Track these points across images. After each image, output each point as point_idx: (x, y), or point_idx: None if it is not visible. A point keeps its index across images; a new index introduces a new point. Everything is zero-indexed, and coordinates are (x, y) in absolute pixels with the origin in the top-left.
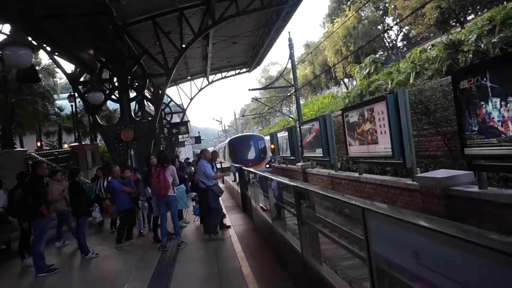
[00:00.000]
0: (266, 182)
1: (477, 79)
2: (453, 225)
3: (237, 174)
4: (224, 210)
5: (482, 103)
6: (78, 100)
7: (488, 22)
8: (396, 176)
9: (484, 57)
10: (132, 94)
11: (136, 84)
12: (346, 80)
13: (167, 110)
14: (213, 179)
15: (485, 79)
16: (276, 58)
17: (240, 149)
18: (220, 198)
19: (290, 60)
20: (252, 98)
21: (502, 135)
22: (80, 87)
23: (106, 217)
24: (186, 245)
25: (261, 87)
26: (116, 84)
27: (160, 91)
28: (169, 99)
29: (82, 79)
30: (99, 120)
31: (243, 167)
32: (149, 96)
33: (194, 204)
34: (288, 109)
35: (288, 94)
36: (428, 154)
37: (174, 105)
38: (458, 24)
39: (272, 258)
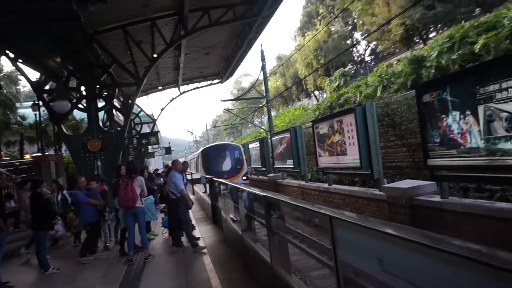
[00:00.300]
0: (237, 193)
1: (438, 93)
2: (416, 232)
3: (207, 185)
4: (194, 222)
5: (443, 116)
6: (42, 109)
7: (448, 39)
8: (364, 186)
9: (445, 73)
10: (101, 104)
11: (105, 93)
12: (316, 92)
13: (137, 120)
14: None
15: (445, 93)
16: (249, 70)
17: (214, 160)
18: (189, 210)
19: (262, 72)
20: (224, 109)
21: (461, 146)
22: (45, 95)
23: (69, 230)
24: (153, 258)
25: (233, 98)
26: (84, 93)
27: (130, 101)
28: (139, 109)
29: (47, 87)
30: (64, 130)
31: (214, 178)
32: (118, 106)
33: (163, 215)
34: (259, 120)
35: (260, 105)
36: (394, 165)
37: (145, 115)
38: (421, 41)
39: (242, 269)
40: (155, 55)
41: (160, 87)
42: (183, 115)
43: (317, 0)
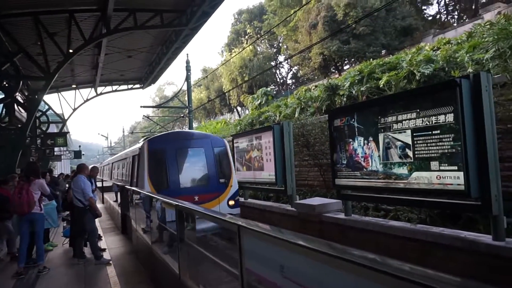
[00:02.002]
0: (150, 203)
1: (347, 119)
2: (317, 242)
3: (119, 193)
4: (101, 232)
5: (350, 140)
6: None
7: (358, 73)
8: (278, 202)
9: (354, 102)
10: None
11: (6, 84)
12: (239, 108)
13: (43, 118)
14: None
15: (353, 120)
16: (173, 79)
17: (173, 165)
18: (96, 219)
19: (186, 82)
20: (144, 115)
21: (364, 169)
22: None
23: None
24: (49, 271)
25: (154, 105)
26: None
27: (36, 96)
28: (47, 107)
29: None
30: None
31: (127, 187)
32: (21, 101)
33: (65, 224)
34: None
35: (182, 115)
36: (307, 183)
37: (53, 115)
38: (336, 71)
39: (149, 282)
40: (70, 51)
41: (74, 86)
42: (98, 119)
43: (245, 20)
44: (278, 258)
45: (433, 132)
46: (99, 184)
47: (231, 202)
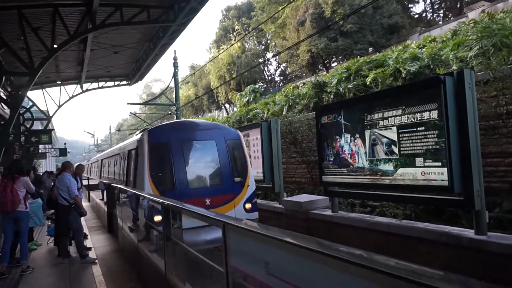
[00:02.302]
0: (137, 201)
1: (334, 116)
2: (302, 238)
3: (105, 192)
4: (87, 230)
5: (337, 137)
6: None
7: (346, 70)
8: (266, 199)
9: (341, 99)
10: None
11: None
12: (227, 105)
13: (27, 115)
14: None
15: (340, 117)
16: (160, 76)
17: (179, 159)
18: (82, 218)
19: (173, 79)
20: (131, 112)
21: (351, 166)
22: None
23: None
24: (32, 271)
25: (141, 102)
26: None
27: (20, 93)
28: (31, 103)
29: None
30: None
31: (113, 185)
32: (4, 97)
33: (49, 223)
34: None
35: (169, 112)
36: (295, 180)
37: (38, 111)
38: (324, 68)
39: (135, 280)
40: (55, 46)
41: (59, 82)
42: (84, 116)
43: (234, 16)
44: (263, 255)
45: (418, 128)
46: (85, 182)
47: (248, 206)
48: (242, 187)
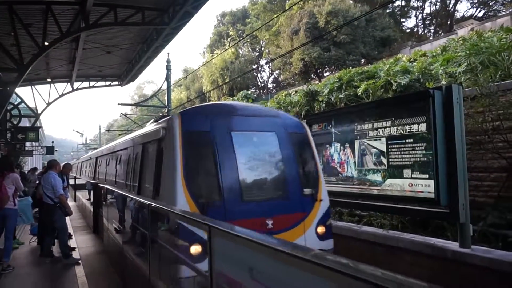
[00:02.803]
0: (124, 202)
1: (325, 125)
2: (288, 245)
3: (92, 192)
4: (71, 230)
5: (327, 145)
6: None
7: (338, 80)
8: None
9: (333, 108)
10: None
11: None
12: None
13: (15, 112)
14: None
15: (330, 125)
16: (153, 78)
17: (229, 158)
18: (67, 217)
19: (166, 81)
20: (121, 113)
21: (339, 174)
22: None
23: None
24: (13, 270)
25: (133, 103)
26: None
27: (8, 89)
28: (19, 100)
29: None
30: None
31: (100, 185)
32: None
33: (32, 221)
34: None
35: (161, 114)
36: None
37: (26, 108)
38: (316, 77)
39: (119, 283)
40: (46, 43)
41: (49, 79)
42: (74, 115)
43: (228, 22)
44: (249, 260)
45: (407, 140)
46: (72, 181)
47: (321, 230)
48: (313, 203)
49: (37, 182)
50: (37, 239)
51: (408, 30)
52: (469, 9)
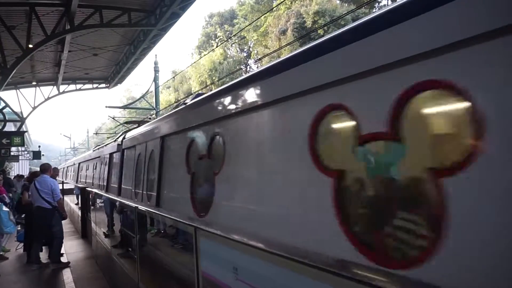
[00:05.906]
0: (112, 206)
1: None
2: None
3: (80, 197)
4: None
5: None
6: None
7: None
8: None
9: None
10: None
11: None
12: None
13: None
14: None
15: None
16: (141, 80)
17: None
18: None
19: (154, 83)
20: (109, 116)
21: None
22: None
23: None
24: None
25: (121, 106)
26: None
27: None
28: (3, 104)
29: None
30: None
31: (88, 189)
32: None
33: (18, 228)
34: None
35: (149, 117)
36: None
37: (11, 112)
38: None
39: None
40: (30, 46)
41: (34, 83)
42: (61, 119)
43: (216, 23)
44: (234, 260)
45: None
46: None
47: None
48: None
49: (22, 188)
50: (23, 245)
51: None
52: None
